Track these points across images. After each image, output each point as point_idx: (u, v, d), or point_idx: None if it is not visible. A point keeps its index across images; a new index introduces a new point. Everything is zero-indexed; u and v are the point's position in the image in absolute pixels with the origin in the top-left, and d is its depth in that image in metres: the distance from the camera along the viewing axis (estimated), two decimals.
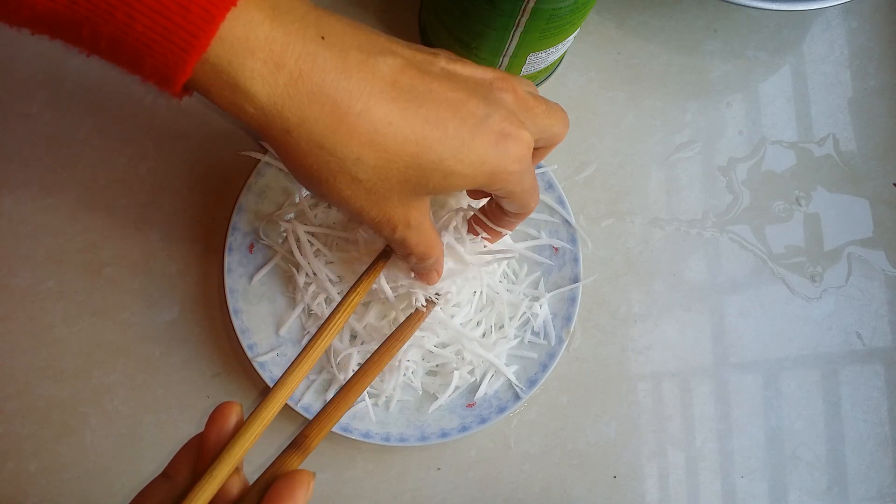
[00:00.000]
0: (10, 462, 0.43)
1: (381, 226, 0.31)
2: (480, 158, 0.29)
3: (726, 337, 0.47)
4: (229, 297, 0.42)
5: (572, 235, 0.44)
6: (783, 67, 0.51)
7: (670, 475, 0.46)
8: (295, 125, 0.26)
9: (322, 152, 0.27)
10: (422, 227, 0.32)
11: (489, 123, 0.29)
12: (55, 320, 0.44)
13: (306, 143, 0.27)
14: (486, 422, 0.42)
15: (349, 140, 0.27)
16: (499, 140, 0.30)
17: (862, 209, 0.50)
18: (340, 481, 0.44)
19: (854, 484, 0.47)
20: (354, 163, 0.27)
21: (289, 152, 0.27)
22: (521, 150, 0.30)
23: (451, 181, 0.29)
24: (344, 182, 0.28)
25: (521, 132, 0.30)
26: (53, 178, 0.45)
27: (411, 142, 0.28)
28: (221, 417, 0.27)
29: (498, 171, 0.30)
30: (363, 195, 0.29)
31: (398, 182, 0.29)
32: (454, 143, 0.28)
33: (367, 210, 0.30)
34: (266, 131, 0.27)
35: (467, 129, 0.29)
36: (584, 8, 0.38)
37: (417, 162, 0.28)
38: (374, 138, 0.27)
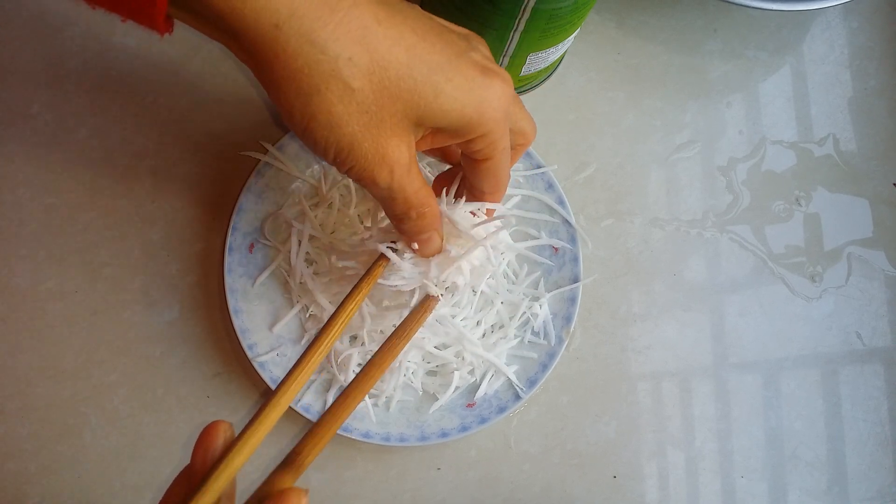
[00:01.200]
0: (10, 462, 0.43)
1: (376, 167, 0.29)
2: (468, 83, 0.28)
3: (726, 337, 0.48)
4: (229, 297, 0.42)
5: (572, 235, 0.44)
6: (783, 67, 0.51)
7: (670, 475, 0.46)
8: (285, 17, 0.25)
9: (313, 50, 0.26)
10: (413, 169, 0.31)
11: (472, 56, 0.29)
12: (55, 320, 0.44)
13: (296, 39, 0.25)
14: (486, 422, 0.42)
15: (341, 35, 0.26)
16: (484, 71, 0.29)
17: (862, 209, 0.50)
18: (340, 481, 0.44)
19: (854, 484, 0.47)
20: (346, 63, 0.26)
21: (278, 55, 0.26)
22: (507, 89, 0.30)
23: (440, 103, 0.28)
24: (336, 92, 0.26)
25: (504, 73, 0.30)
26: (54, 178, 0.45)
27: (401, 47, 0.27)
28: (208, 439, 0.26)
29: (485, 103, 0.29)
30: (355, 114, 0.27)
31: (390, 98, 0.27)
32: (442, 58, 0.28)
33: (359, 142, 0.28)
34: (255, 30, 0.25)
35: (453, 51, 0.29)
36: (584, 8, 0.38)
37: (409, 71, 0.27)
38: (364, 35, 0.26)
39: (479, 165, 0.32)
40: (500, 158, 0.32)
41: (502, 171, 0.33)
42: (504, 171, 0.33)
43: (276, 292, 0.44)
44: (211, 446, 0.26)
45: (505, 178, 0.34)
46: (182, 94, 0.47)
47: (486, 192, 0.35)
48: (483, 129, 0.30)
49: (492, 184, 0.34)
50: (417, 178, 0.31)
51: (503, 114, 0.30)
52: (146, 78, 0.47)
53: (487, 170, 0.33)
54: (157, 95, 0.47)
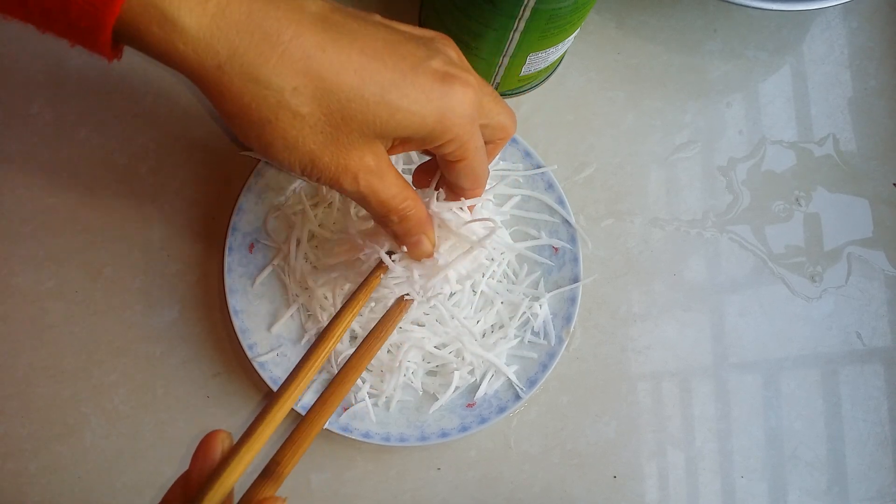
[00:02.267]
0: (10, 462, 0.43)
1: (340, 175, 0.29)
2: (426, 95, 0.28)
3: (726, 337, 0.48)
4: (229, 297, 0.42)
5: (572, 235, 0.44)
6: (783, 67, 0.51)
7: (670, 475, 0.46)
8: (226, 58, 0.25)
9: (258, 87, 0.26)
10: (387, 173, 0.31)
11: (430, 64, 0.29)
12: (55, 320, 0.44)
13: (239, 78, 0.26)
14: (486, 422, 0.42)
15: (283, 69, 0.26)
16: (443, 79, 0.29)
17: (862, 209, 0.50)
18: (340, 481, 0.44)
19: (854, 484, 0.47)
20: (292, 93, 0.26)
21: (224, 93, 0.26)
22: (469, 93, 0.29)
23: (399, 119, 0.28)
24: (287, 120, 0.27)
25: (467, 75, 0.29)
26: (53, 178, 0.45)
27: (349, 71, 0.27)
28: (206, 449, 0.26)
29: (446, 111, 0.29)
30: (310, 136, 0.28)
31: (343, 119, 0.27)
32: (395, 75, 0.27)
33: (319, 157, 0.28)
34: (200, 71, 0.26)
35: (408, 64, 0.28)
36: (584, 8, 0.38)
37: (360, 93, 0.27)
38: (308, 65, 0.26)
39: (453, 166, 0.32)
40: (473, 158, 0.32)
41: (479, 168, 0.33)
42: (481, 168, 0.33)
43: (276, 292, 0.44)
44: (209, 455, 0.26)
45: (483, 174, 0.34)
46: (182, 94, 0.47)
47: (466, 189, 0.35)
48: (448, 135, 0.30)
49: (471, 181, 0.34)
50: (392, 182, 0.31)
51: (468, 118, 0.30)
52: (146, 78, 0.47)
53: (463, 169, 0.33)
54: (157, 95, 0.47)
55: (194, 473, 0.25)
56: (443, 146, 0.30)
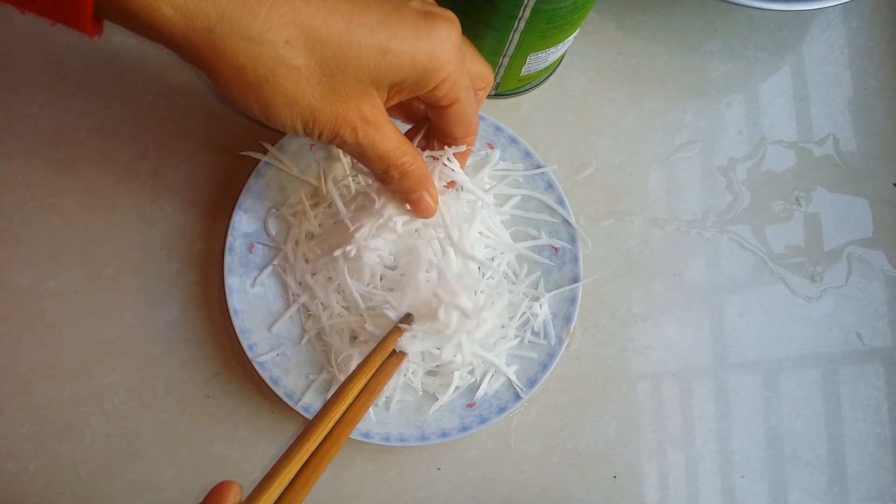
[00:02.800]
0: (10, 462, 0.43)
1: (340, 127, 0.30)
2: (413, 33, 0.29)
3: (726, 337, 0.48)
4: (229, 297, 0.42)
5: (572, 235, 0.44)
6: (783, 67, 0.51)
7: (670, 475, 0.46)
8: (216, 19, 0.25)
9: (250, 44, 0.26)
10: (384, 126, 0.31)
11: (411, 4, 0.29)
12: (55, 320, 0.44)
13: (232, 38, 0.26)
14: (486, 422, 0.42)
15: (273, 23, 0.26)
16: (426, 17, 0.29)
17: (862, 209, 0.50)
18: (340, 481, 0.44)
19: (854, 484, 0.47)
20: (285, 47, 0.27)
21: (218, 56, 0.26)
22: (453, 29, 0.30)
23: (390, 60, 0.29)
24: (284, 75, 0.27)
25: (448, 14, 0.30)
26: (53, 178, 0.45)
27: (336, 16, 0.27)
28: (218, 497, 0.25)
29: (435, 47, 0.29)
30: (308, 88, 0.28)
31: (336, 66, 0.28)
32: (381, 16, 0.28)
33: (319, 110, 0.29)
34: (189, 36, 0.26)
35: (391, 6, 0.29)
36: (584, 8, 0.38)
37: (349, 37, 0.28)
38: (297, 17, 0.26)
39: (447, 111, 0.33)
40: (466, 99, 0.32)
41: (471, 111, 0.33)
42: (473, 111, 0.33)
43: (276, 292, 0.44)
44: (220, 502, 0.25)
45: (475, 118, 0.34)
46: (182, 94, 0.47)
47: (458, 137, 0.35)
48: (442, 73, 0.30)
49: (463, 127, 0.34)
50: (391, 136, 0.31)
51: (456, 54, 0.30)
52: (146, 78, 0.47)
53: (457, 113, 0.33)
54: (157, 95, 0.47)
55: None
56: (436, 88, 0.31)
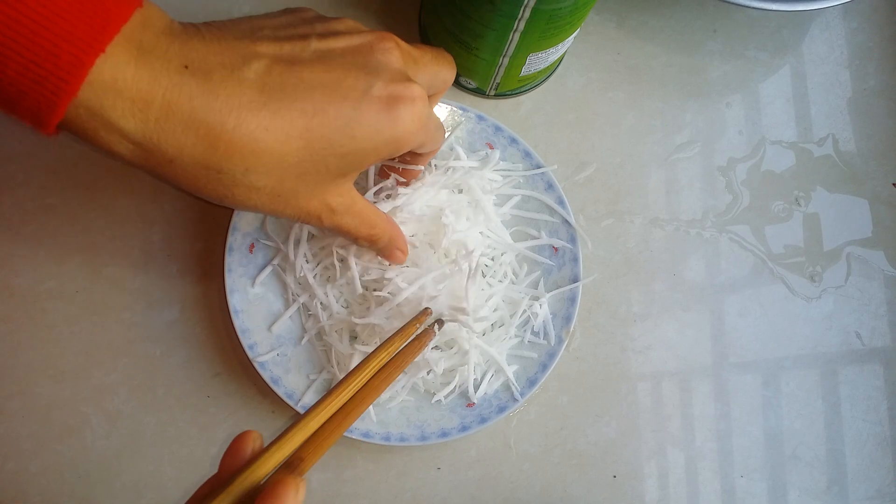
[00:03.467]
0: (10, 462, 0.43)
1: (306, 220, 0.31)
2: (374, 129, 0.29)
3: (726, 337, 0.48)
4: (229, 297, 0.42)
5: (572, 235, 0.44)
6: (783, 68, 0.51)
7: (670, 475, 0.46)
8: (175, 155, 0.27)
9: (210, 172, 0.27)
10: (351, 209, 0.32)
11: (373, 93, 0.29)
12: (55, 320, 0.44)
13: (192, 167, 0.27)
14: (486, 421, 0.42)
15: (231, 156, 0.27)
16: (389, 106, 0.30)
17: (861, 209, 0.50)
18: (340, 481, 0.44)
19: (853, 483, 0.47)
20: (244, 174, 0.28)
21: (179, 179, 0.28)
22: (415, 109, 0.30)
23: (352, 161, 0.30)
24: (243, 194, 0.29)
25: (411, 88, 0.30)
26: (53, 178, 0.45)
27: (294, 137, 0.28)
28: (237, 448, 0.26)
29: (398, 135, 0.30)
30: (269, 200, 0.29)
31: (297, 177, 0.29)
32: (338, 122, 0.29)
33: (282, 210, 0.30)
34: (149, 166, 0.27)
35: (350, 105, 0.29)
36: (584, 8, 0.38)
37: (308, 154, 0.28)
38: (255, 148, 0.27)
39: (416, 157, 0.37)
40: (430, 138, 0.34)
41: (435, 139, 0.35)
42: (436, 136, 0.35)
43: (276, 292, 0.44)
44: (240, 454, 0.26)
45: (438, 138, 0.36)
46: None
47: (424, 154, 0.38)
48: (406, 147, 0.31)
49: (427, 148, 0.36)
50: (357, 214, 0.33)
51: (419, 126, 0.31)
52: None
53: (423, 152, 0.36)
54: None
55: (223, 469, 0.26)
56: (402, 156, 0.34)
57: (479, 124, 0.45)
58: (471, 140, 0.45)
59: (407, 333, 0.36)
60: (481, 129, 0.45)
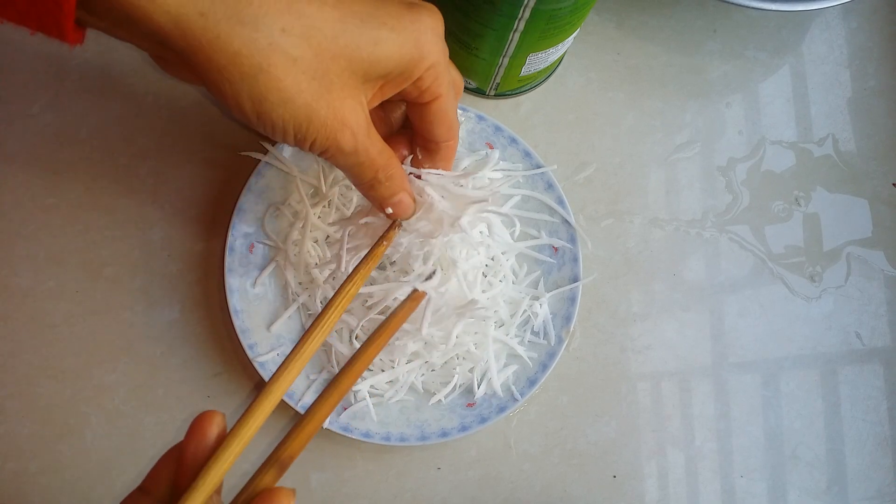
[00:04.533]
0: (10, 462, 0.43)
1: (338, 132, 0.29)
2: (400, 23, 0.29)
3: (726, 337, 0.48)
4: (229, 296, 0.42)
5: (572, 235, 0.44)
6: (783, 68, 0.51)
7: (670, 475, 0.46)
8: (208, 4, 0.24)
9: (245, 28, 0.25)
10: (372, 130, 0.31)
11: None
12: (55, 320, 0.44)
13: (226, 23, 0.25)
14: (486, 421, 0.42)
15: (268, 9, 0.26)
16: (410, 7, 0.30)
17: (861, 209, 0.50)
18: (340, 481, 0.44)
19: (853, 483, 0.47)
20: (282, 34, 0.26)
21: (212, 42, 0.25)
22: (436, 18, 0.30)
23: (381, 50, 0.28)
24: (280, 66, 0.26)
25: (429, 4, 0.30)
26: (54, 178, 0.45)
27: (329, 5, 0.27)
28: (202, 428, 0.25)
29: (420, 36, 0.29)
30: (304, 83, 0.27)
31: (332, 58, 0.27)
32: (369, 6, 0.28)
33: (315, 111, 0.28)
34: (182, 22, 0.24)
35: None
36: (584, 8, 0.38)
37: (343, 27, 0.27)
38: (290, 3, 0.26)
39: (429, 108, 0.32)
40: (448, 94, 0.32)
41: (452, 110, 0.33)
42: (454, 111, 0.33)
43: (276, 292, 0.44)
44: (205, 435, 0.25)
45: (455, 120, 0.34)
46: (182, 94, 0.47)
47: (440, 141, 0.34)
48: (426, 61, 0.30)
49: (445, 128, 0.34)
50: (378, 139, 0.31)
51: (440, 44, 0.30)
52: (146, 78, 0.47)
53: (439, 110, 0.32)
54: (157, 95, 0.47)
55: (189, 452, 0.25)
56: (420, 79, 0.30)
57: (479, 124, 0.45)
58: (471, 140, 0.45)
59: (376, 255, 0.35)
60: (481, 129, 0.45)
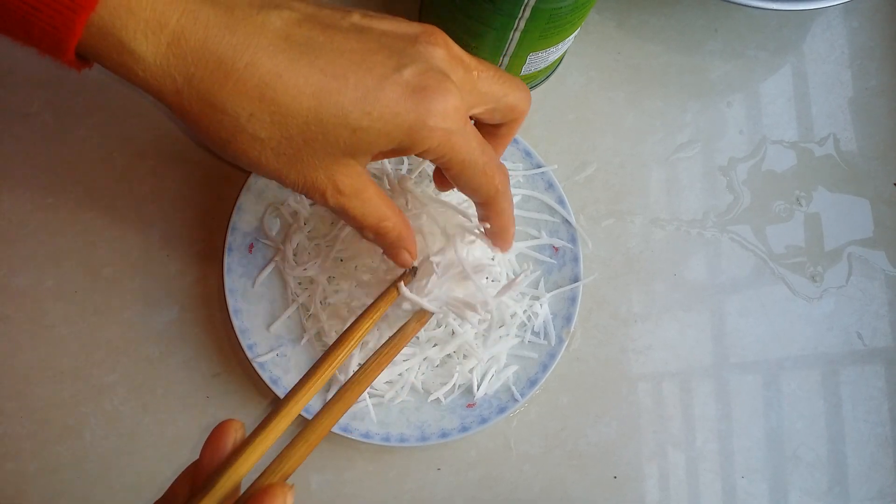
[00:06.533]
0: (10, 462, 0.43)
1: (309, 192, 0.29)
2: (392, 111, 0.27)
3: (727, 337, 0.47)
4: (229, 297, 0.42)
5: (572, 235, 0.44)
6: (784, 67, 0.51)
7: (671, 476, 0.46)
8: (183, 84, 0.26)
9: (214, 111, 0.26)
10: (361, 194, 0.30)
11: (402, 75, 0.27)
12: (55, 320, 0.44)
13: (197, 103, 0.26)
14: (487, 422, 0.42)
15: (238, 96, 0.26)
16: (415, 92, 0.27)
17: (862, 209, 0.50)
18: (340, 481, 0.44)
19: (855, 484, 0.47)
20: (248, 119, 0.26)
21: (185, 115, 0.27)
22: (447, 104, 0.28)
23: (362, 138, 0.27)
24: (246, 142, 0.27)
25: (446, 84, 0.28)
26: (53, 178, 0.45)
27: (306, 94, 0.26)
28: (219, 438, 0.26)
29: (416, 125, 0.27)
30: (272, 156, 0.28)
31: (304, 141, 0.27)
32: (356, 93, 0.27)
33: (285, 174, 0.28)
34: (160, 95, 0.26)
35: (373, 79, 0.27)
36: (585, 8, 0.38)
37: (318, 116, 0.27)
38: (263, 92, 0.26)
39: (447, 172, 0.31)
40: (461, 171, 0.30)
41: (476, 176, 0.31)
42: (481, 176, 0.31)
43: (276, 292, 0.44)
44: (221, 445, 0.26)
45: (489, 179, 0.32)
46: None
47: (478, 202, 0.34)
48: (420, 148, 0.29)
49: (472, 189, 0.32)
50: (367, 201, 0.30)
51: (444, 131, 0.28)
52: None
53: (455, 180, 0.31)
54: None
55: (205, 461, 0.26)
56: (423, 154, 0.29)
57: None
58: None
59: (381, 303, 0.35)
60: None
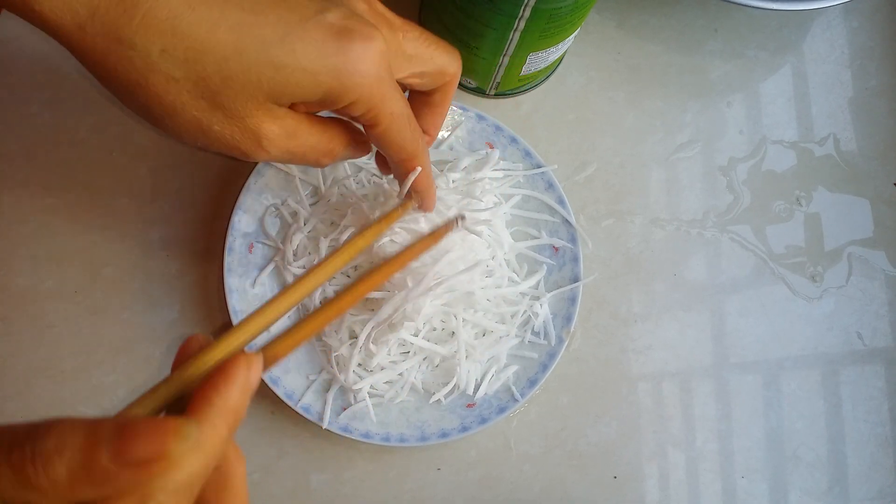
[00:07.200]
0: None
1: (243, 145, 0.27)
2: (317, 50, 0.25)
3: (727, 337, 0.47)
4: (229, 297, 0.42)
5: (572, 235, 0.44)
6: (784, 67, 0.51)
7: (671, 476, 0.46)
8: (86, 17, 0.23)
9: (121, 47, 0.24)
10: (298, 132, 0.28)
11: (325, 17, 0.26)
12: (55, 320, 0.44)
13: (102, 39, 0.24)
14: (487, 422, 0.42)
15: (147, 29, 0.24)
16: (340, 34, 0.25)
17: (862, 209, 0.50)
18: (340, 481, 0.44)
19: (855, 484, 0.47)
20: (161, 56, 0.24)
21: (88, 54, 0.24)
22: (372, 48, 0.26)
23: (286, 77, 0.25)
24: (160, 84, 0.25)
25: (372, 30, 0.26)
26: (53, 178, 0.45)
27: (222, 27, 0.24)
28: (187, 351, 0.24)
29: (343, 69, 0.25)
30: (189, 101, 0.25)
31: (222, 81, 0.25)
32: (278, 29, 0.25)
33: (207, 123, 0.26)
34: (61, 31, 0.24)
35: (295, 17, 0.25)
36: (584, 8, 0.38)
37: (237, 49, 0.24)
38: (175, 24, 0.24)
39: (370, 133, 0.29)
40: (390, 124, 0.28)
41: (398, 136, 0.29)
42: (401, 136, 0.29)
43: (276, 292, 0.43)
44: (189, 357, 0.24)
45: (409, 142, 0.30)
46: None
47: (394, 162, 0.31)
48: (349, 97, 0.26)
49: (395, 151, 0.30)
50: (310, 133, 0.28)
51: (373, 76, 0.26)
52: None
53: (380, 137, 0.29)
54: None
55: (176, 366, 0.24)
56: (347, 108, 0.27)
57: (479, 124, 0.45)
58: (471, 140, 0.45)
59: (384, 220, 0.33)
60: (481, 129, 0.45)
